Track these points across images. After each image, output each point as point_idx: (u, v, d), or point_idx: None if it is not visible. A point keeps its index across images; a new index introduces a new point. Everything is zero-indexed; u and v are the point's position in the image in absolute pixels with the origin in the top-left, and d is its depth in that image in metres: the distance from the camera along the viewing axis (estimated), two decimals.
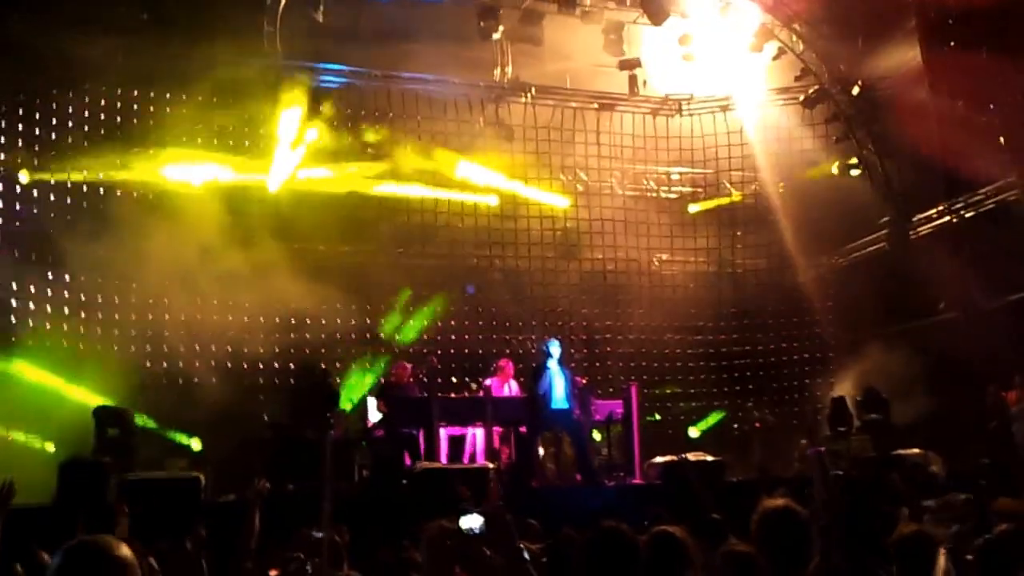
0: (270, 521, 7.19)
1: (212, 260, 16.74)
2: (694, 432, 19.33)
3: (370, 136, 18.99)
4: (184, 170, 17.63)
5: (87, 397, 15.27)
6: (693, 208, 22.00)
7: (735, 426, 19.32)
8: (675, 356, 21.13)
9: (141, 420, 15.17)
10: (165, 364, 17.35)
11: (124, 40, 16.90)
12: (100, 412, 14.11)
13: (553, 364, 14.30)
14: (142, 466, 13.81)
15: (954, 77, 16.68)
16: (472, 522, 5.62)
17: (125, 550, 3.10)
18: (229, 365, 17.77)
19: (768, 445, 17.74)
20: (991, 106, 16.15)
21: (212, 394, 16.69)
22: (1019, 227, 15.76)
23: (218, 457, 15.82)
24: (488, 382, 16.10)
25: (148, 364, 17.16)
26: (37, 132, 17.31)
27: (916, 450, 14.17)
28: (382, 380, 16.88)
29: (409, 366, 15.92)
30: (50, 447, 15.64)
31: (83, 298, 17.22)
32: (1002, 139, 15.92)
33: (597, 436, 16.09)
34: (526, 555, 4.78)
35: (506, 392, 15.83)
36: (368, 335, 18.97)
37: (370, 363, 18.52)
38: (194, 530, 8.30)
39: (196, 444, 16.68)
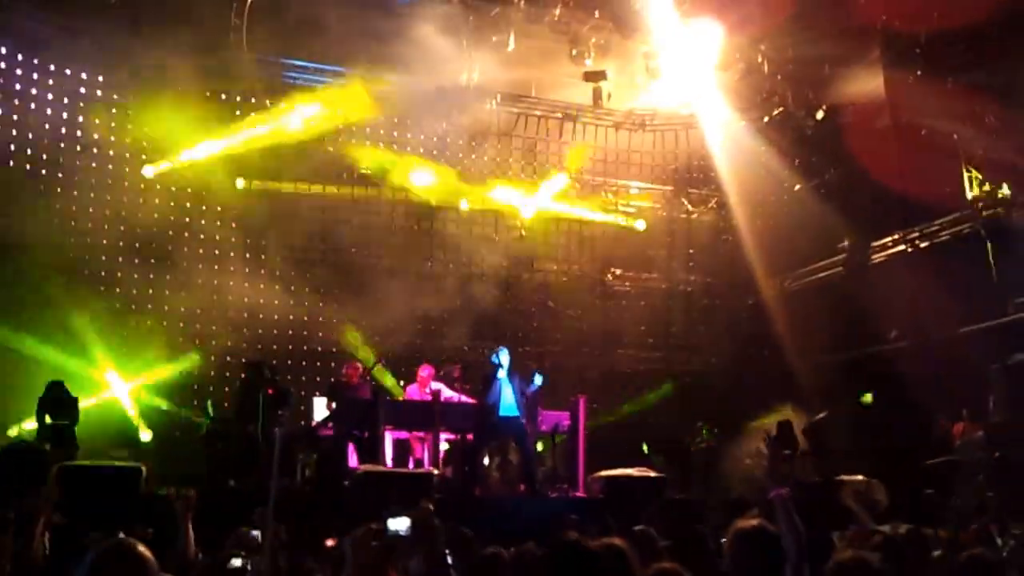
0: (209, 517, 7.08)
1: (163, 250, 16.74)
2: (645, 448, 19.23)
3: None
4: None
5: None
6: (641, 224, 22.04)
7: (679, 445, 19.18)
8: (624, 372, 21.13)
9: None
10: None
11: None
12: (53, 387, 14.19)
13: (502, 373, 14.28)
14: (84, 454, 13.75)
15: (918, 104, 16.75)
16: (399, 524, 5.59)
17: (145, 550, 3.47)
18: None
19: (712, 465, 17.73)
20: (955, 135, 16.23)
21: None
22: (972, 259, 15.84)
23: (161, 449, 15.72)
24: (408, 388, 16.10)
25: None
26: None
27: (860, 477, 14.16)
28: (332, 379, 16.69)
29: (360, 366, 15.76)
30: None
31: None
32: (965, 166, 16.02)
33: (540, 447, 16.03)
34: (449, 560, 4.74)
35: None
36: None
37: None
38: (135, 530, 8.15)
39: (146, 435, 16.58)
